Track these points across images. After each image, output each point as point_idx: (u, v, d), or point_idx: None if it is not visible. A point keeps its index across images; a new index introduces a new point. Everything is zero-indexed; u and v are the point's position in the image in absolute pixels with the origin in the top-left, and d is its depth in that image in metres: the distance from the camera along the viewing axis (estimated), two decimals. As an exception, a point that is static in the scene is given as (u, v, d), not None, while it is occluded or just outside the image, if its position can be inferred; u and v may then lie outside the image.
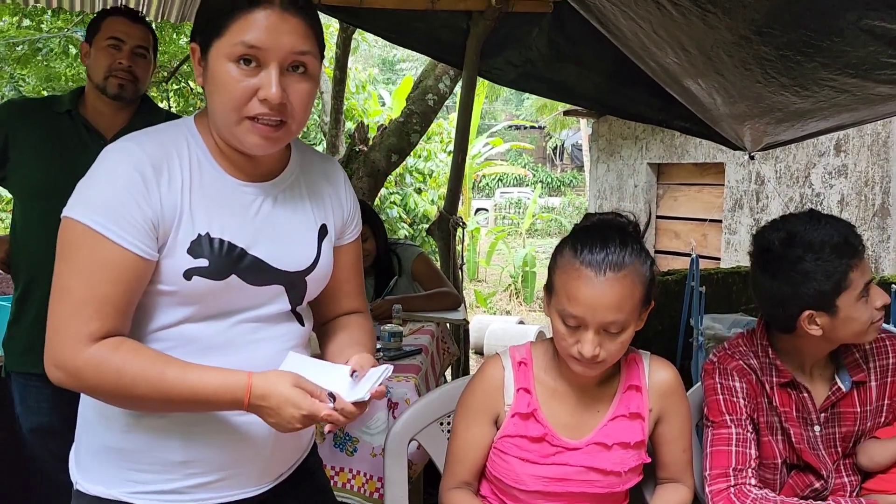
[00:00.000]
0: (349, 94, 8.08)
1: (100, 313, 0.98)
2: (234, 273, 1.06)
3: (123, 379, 0.98)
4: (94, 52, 1.90)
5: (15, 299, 1.93)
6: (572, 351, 1.26)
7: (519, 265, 9.89)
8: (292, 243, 1.13)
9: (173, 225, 1.02)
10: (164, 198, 1.01)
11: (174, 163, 1.04)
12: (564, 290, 1.25)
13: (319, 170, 1.21)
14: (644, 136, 6.88)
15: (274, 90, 0.99)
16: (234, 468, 1.11)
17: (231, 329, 1.09)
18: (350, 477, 1.81)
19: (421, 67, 5.42)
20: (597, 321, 1.22)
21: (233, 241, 1.06)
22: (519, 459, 1.33)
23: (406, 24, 2.82)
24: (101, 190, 1.00)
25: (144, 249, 1.00)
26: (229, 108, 1.01)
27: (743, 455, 1.41)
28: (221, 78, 1.00)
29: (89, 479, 1.10)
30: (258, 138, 1.02)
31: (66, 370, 0.99)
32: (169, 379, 0.98)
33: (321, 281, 1.19)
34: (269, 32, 0.99)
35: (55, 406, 1.85)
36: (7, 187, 1.94)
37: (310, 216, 1.16)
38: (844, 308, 1.36)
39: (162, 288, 1.04)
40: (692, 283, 2.99)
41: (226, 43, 1.00)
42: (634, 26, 1.47)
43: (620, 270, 1.22)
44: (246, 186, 1.10)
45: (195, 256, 1.03)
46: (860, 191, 4.67)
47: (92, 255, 0.98)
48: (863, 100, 1.79)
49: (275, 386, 0.99)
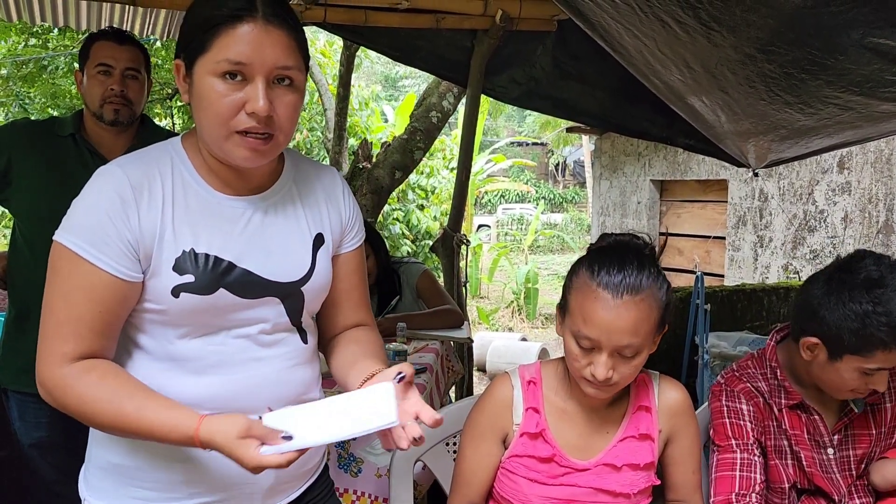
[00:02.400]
0: (352, 111, 8.13)
1: (74, 334, 0.99)
2: (222, 286, 1.05)
3: (84, 406, 0.99)
4: (87, 79, 1.90)
5: (11, 318, 1.93)
6: (584, 373, 1.24)
7: (521, 282, 9.87)
8: (285, 254, 1.12)
9: (154, 244, 1.02)
10: (144, 218, 1.02)
11: (156, 183, 1.04)
12: (580, 311, 1.23)
13: (315, 179, 1.20)
14: (647, 153, 6.89)
15: (261, 103, 0.99)
16: (237, 489, 1.10)
17: (227, 346, 1.08)
18: (354, 498, 1.79)
19: (423, 84, 5.46)
20: (612, 344, 1.20)
21: (219, 255, 1.06)
22: (527, 480, 1.32)
23: (410, 43, 2.84)
24: (81, 213, 1.01)
25: (122, 271, 1.00)
26: (217, 123, 1.01)
27: (747, 480, 1.39)
28: (207, 94, 1.00)
29: (95, 496, 1.11)
30: (247, 151, 1.02)
31: (43, 388, 1.01)
32: (126, 413, 0.98)
33: (319, 291, 1.17)
34: (254, 47, 0.99)
35: (54, 421, 1.84)
36: (9, 209, 1.94)
37: (304, 226, 1.15)
38: (845, 366, 1.32)
39: (152, 307, 1.04)
40: (697, 301, 2.98)
41: (210, 60, 0.99)
42: (639, 44, 1.47)
43: (637, 294, 1.20)
44: (234, 201, 1.09)
45: (181, 273, 1.03)
46: (864, 208, 4.66)
47: (71, 277, 1.00)
48: (867, 117, 1.79)
49: (218, 434, 0.94)
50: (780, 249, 5.31)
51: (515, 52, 2.88)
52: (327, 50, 8.83)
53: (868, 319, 1.26)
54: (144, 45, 2.04)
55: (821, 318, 1.32)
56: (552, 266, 14.33)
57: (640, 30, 1.40)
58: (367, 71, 18.71)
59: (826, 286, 1.33)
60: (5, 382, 1.91)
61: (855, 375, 1.32)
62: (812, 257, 5.04)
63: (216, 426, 0.95)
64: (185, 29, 1.04)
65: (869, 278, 1.28)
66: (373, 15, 2.66)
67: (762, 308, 3.63)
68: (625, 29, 1.42)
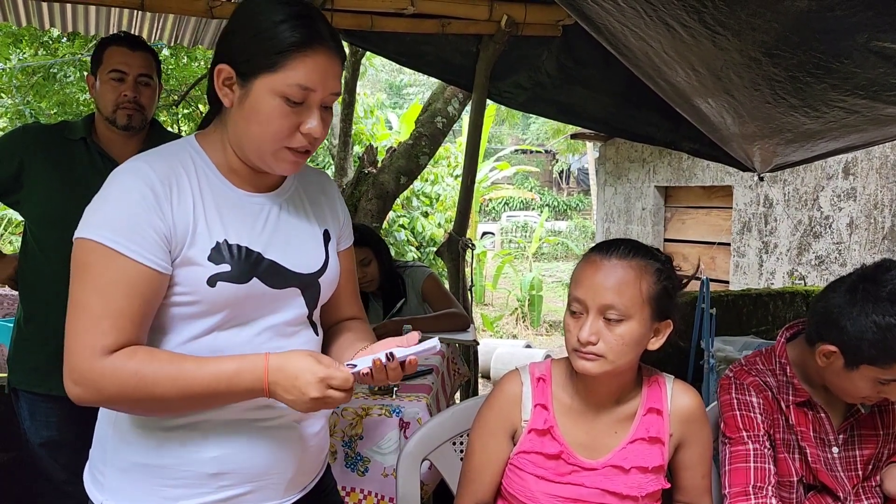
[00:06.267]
0: (357, 118, 8.15)
1: (115, 327, 1.00)
2: (255, 276, 1.09)
3: (143, 380, 0.99)
4: (100, 84, 1.92)
5: (22, 319, 1.94)
6: (574, 342, 1.27)
7: (525, 289, 9.87)
8: (302, 246, 1.17)
9: (187, 236, 1.05)
10: (176, 211, 1.04)
11: (182, 178, 1.07)
12: (574, 278, 1.31)
13: (315, 181, 1.27)
14: (651, 160, 6.90)
15: (320, 128, 1.06)
16: (263, 479, 1.13)
17: (257, 337, 1.11)
18: (361, 497, 1.80)
19: (428, 92, 5.48)
20: (596, 303, 1.25)
21: (249, 247, 1.10)
22: (534, 476, 1.32)
23: (416, 48, 2.86)
24: (112, 208, 1.02)
25: (158, 262, 1.02)
26: (271, 140, 1.06)
27: (762, 471, 1.39)
28: (267, 111, 1.04)
29: (118, 499, 1.11)
30: (290, 165, 1.09)
31: (84, 384, 1.00)
32: (188, 371, 1.00)
33: (332, 283, 1.23)
34: (322, 75, 1.05)
35: (63, 421, 1.86)
36: (21, 212, 1.96)
37: (313, 222, 1.21)
38: (860, 375, 1.33)
39: (186, 299, 1.06)
40: (702, 306, 2.98)
41: (280, 81, 1.03)
42: (644, 46, 1.48)
43: (625, 259, 1.26)
44: (253, 196, 1.14)
45: (216, 263, 1.06)
46: (869, 213, 4.66)
47: (107, 272, 1.00)
48: (872, 121, 1.80)
49: (291, 356, 1.02)
50: (785, 256, 5.31)
51: (520, 57, 2.90)
52: (334, 57, 8.84)
53: (891, 333, 1.26)
54: (155, 51, 2.06)
55: (841, 328, 1.31)
56: (556, 273, 14.32)
57: (646, 33, 1.42)
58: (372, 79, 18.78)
59: (849, 295, 1.32)
60: (16, 382, 1.93)
61: (869, 384, 1.33)
62: (817, 263, 5.03)
63: (289, 353, 1.03)
64: (242, 43, 1.05)
65: (895, 291, 1.28)
66: (379, 20, 2.68)
67: (768, 313, 3.63)
68: (630, 31, 1.44)
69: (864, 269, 1.36)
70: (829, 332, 1.34)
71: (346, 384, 1.01)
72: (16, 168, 1.88)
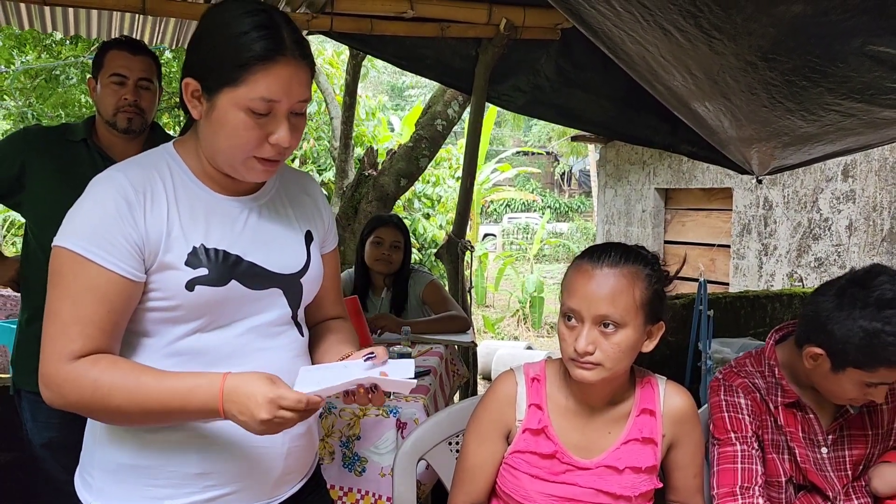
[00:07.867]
0: (359, 120, 8.16)
1: (83, 334, 1.01)
2: (234, 278, 1.10)
3: (100, 390, 1.00)
4: (100, 88, 1.93)
5: (24, 320, 1.95)
6: (571, 352, 1.27)
7: (527, 291, 9.87)
8: (283, 248, 1.18)
9: (160, 243, 1.06)
10: (149, 219, 1.05)
11: (157, 185, 1.08)
12: (566, 286, 1.30)
13: (297, 183, 1.28)
14: (651, 162, 6.91)
15: (288, 137, 1.06)
16: (249, 479, 1.13)
17: (240, 338, 1.12)
18: (358, 497, 1.80)
19: (430, 94, 5.49)
20: (591, 313, 1.25)
21: (227, 250, 1.10)
22: (529, 476, 1.33)
23: (416, 51, 2.88)
24: (86, 217, 1.04)
25: (129, 270, 1.03)
26: (238, 151, 1.06)
27: (749, 472, 1.40)
28: (234, 125, 1.04)
29: (106, 499, 1.11)
30: (260, 173, 1.10)
31: (50, 387, 1.02)
32: (144, 384, 1.00)
33: (314, 283, 1.24)
34: (286, 85, 1.04)
35: (65, 421, 1.86)
36: (23, 214, 1.97)
37: (294, 224, 1.22)
38: (846, 378, 1.34)
39: (166, 304, 1.07)
40: (700, 307, 2.99)
41: (243, 95, 1.02)
42: (642, 50, 1.49)
43: (617, 266, 1.26)
44: (231, 200, 1.14)
45: (194, 267, 1.06)
46: (868, 216, 4.66)
47: (78, 279, 1.02)
48: (869, 124, 1.81)
49: (248, 377, 1.00)
50: (784, 258, 5.31)
51: (519, 60, 2.91)
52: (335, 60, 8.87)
53: (877, 339, 1.26)
54: (156, 54, 2.07)
55: (829, 332, 1.32)
56: (558, 275, 14.31)
57: (643, 37, 1.43)
58: (374, 81, 18.80)
59: (837, 299, 1.33)
60: (19, 383, 1.94)
61: (856, 387, 1.34)
62: (817, 265, 5.04)
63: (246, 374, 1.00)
64: (206, 56, 1.05)
65: (883, 298, 1.28)
66: (379, 24, 2.70)
67: (765, 315, 3.64)
68: (627, 36, 1.44)
69: (854, 273, 1.36)
70: (817, 335, 1.35)
71: (297, 405, 0.97)
72: (17, 170, 1.89)
